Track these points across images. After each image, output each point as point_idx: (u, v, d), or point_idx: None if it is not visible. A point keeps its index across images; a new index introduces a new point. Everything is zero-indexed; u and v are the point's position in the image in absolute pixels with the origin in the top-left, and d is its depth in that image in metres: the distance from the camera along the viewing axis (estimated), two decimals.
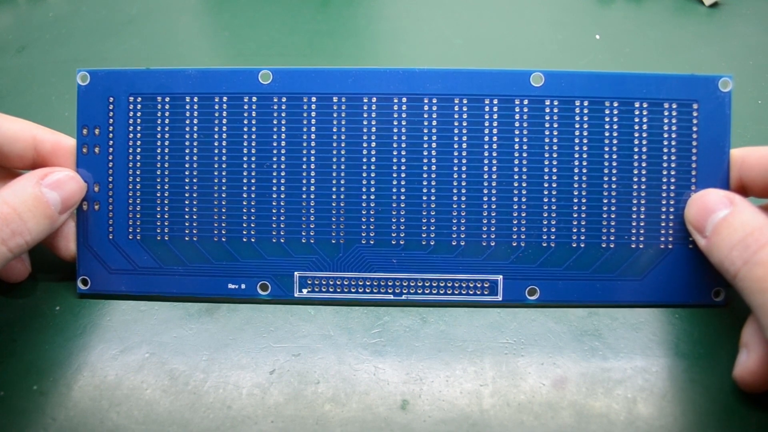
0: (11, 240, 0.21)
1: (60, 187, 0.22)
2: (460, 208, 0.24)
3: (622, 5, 0.42)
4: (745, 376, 0.20)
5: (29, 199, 0.21)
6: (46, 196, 0.22)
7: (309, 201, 0.24)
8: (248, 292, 0.24)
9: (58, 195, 0.22)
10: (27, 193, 0.22)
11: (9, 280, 0.24)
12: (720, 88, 0.23)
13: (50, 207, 0.22)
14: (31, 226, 0.21)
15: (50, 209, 0.22)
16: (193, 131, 0.24)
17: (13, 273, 0.24)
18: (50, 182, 0.22)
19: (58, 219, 0.22)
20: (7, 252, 0.21)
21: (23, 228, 0.21)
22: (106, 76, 0.24)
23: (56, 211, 0.22)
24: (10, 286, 0.24)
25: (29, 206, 0.21)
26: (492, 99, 0.24)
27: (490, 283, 0.24)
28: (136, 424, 0.20)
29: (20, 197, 0.21)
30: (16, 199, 0.21)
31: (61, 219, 0.23)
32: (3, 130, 0.23)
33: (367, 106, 0.24)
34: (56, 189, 0.22)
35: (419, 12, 0.42)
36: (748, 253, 0.19)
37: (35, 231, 0.21)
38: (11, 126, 0.23)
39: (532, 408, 0.21)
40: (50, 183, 0.22)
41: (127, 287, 0.24)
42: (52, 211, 0.22)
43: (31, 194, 0.22)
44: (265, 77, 0.24)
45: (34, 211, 0.21)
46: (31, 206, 0.21)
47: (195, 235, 0.24)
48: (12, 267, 0.24)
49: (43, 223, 0.22)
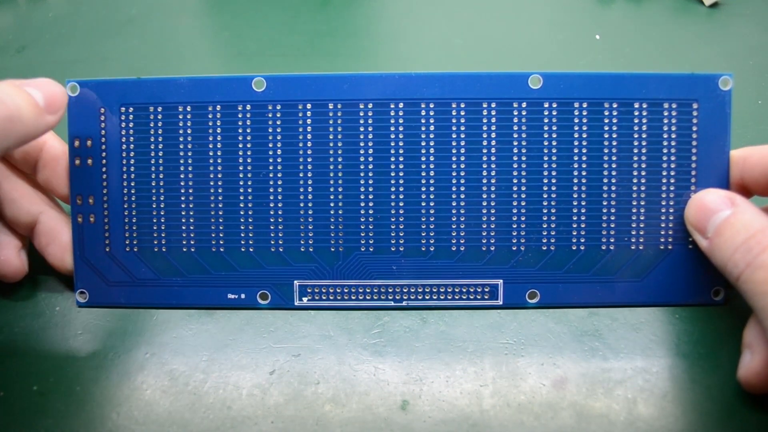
0: None
1: (39, 87, 0.21)
2: (459, 213, 0.24)
3: (622, 5, 0.42)
4: (749, 378, 0.20)
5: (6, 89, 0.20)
6: (26, 90, 0.21)
7: (307, 209, 0.24)
8: (248, 302, 0.24)
9: (39, 92, 0.21)
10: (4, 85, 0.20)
11: (5, 278, 0.24)
12: (720, 87, 0.23)
13: (31, 96, 0.21)
14: (14, 111, 0.20)
15: (32, 99, 0.21)
16: (187, 141, 0.24)
17: (9, 270, 0.24)
18: (28, 84, 0.21)
19: (44, 115, 0.21)
20: None
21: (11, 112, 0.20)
22: (96, 86, 0.24)
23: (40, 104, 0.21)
24: (10, 286, 0.24)
25: (8, 92, 0.20)
26: (490, 102, 0.23)
27: (490, 287, 0.24)
28: (136, 425, 0.20)
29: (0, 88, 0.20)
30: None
31: (49, 119, 0.21)
32: None
33: (363, 112, 0.24)
34: (36, 87, 0.21)
35: (419, 12, 0.42)
36: (751, 255, 0.19)
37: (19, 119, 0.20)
38: None
39: (532, 408, 0.21)
40: (28, 83, 0.21)
41: (125, 299, 0.24)
42: (35, 102, 0.21)
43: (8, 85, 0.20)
44: (258, 84, 0.24)
45: (14, 97, 0.20)
46: (9, 92, 0.20)
47: (192, 246, 0.24)
48: (8, 263, 0.24)
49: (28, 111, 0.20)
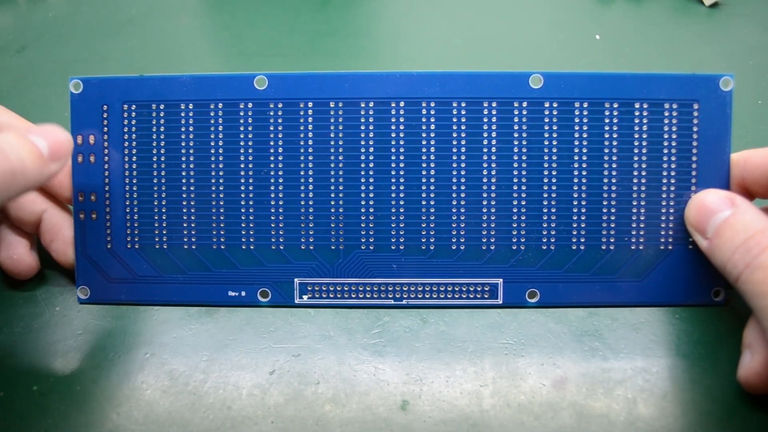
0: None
1: (45, 135, 0.21)
2: (459, 212, 0.24)
3: (622, 5, 0.42)
4: (749, 378, 0.20)
5: (11, 139, 0.20)
6: (31, 138, 0.20)
7: (308, 207, 0.24)
8: (248, 300, 0.24)
9: (44, 141, 0.21)
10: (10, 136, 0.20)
11: (18, 275, 0.24)
12: (721, 87, 0.23)
13: (36, 146, 0.20)
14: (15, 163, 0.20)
15: (37, 149, 0.20)
16: (189, 138, 0.24)
17: (22, 267, 0.24)
18: (34, 131, 0.21)
19: (48, 164, 0.21)
20: None
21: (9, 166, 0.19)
22: (99, 83, 0.24)
23: (44, 154, 0.21)
24: (10, 286, 0.24)
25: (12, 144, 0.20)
26: (491, 102, 0.23)
27: (490, 286, 0.24)
28: (136, 425, 0.20)
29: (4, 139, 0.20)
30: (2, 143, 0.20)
31: (52, 167, 0.21)
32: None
33: (364, 111, 0.24)
34: (41, 136, 0.21)
35: (419, 12, 0.42)
36: (750, 256, 0.19)
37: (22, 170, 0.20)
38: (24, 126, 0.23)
39: (532, 408, 0.21)
40: (34, 131, 0.21)
41: (126, 296, 0.24)
42: (40, 152, 0.20)
43: (13, 135, 0.20)
44: (260, 83, 0.24)
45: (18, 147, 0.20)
46: (14, 142, 0.20)
47: (194, 243, 0.24)
48: (21, 261, 0.24)
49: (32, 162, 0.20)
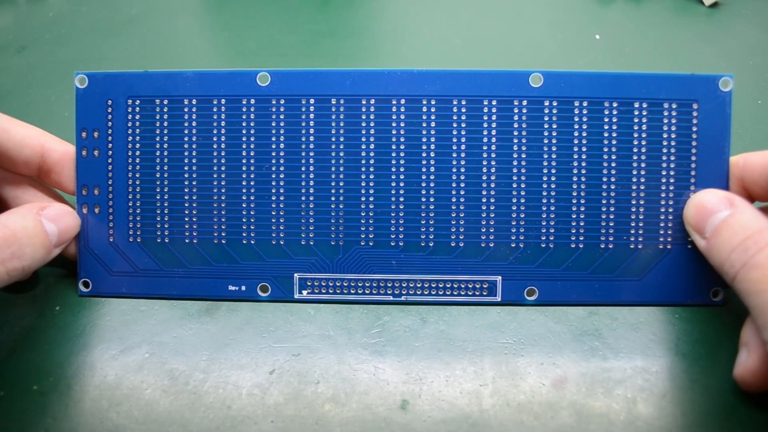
0: (9, 262, 0.21)
1: (57, 220, 0.23)
2: (459, 209, 0.24)
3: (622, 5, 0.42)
4: (745, 376, 0.20)
5: (29, 225, 0.22)
6: (44, 226, 0.22)
7: (308, 203, 0.24)
8: (248, 294, 0.24)
9: (55, 227, 0.23)
10: (27, 219, 0.22)
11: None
12: (720, 88, 0.23)
13: (48, 237, 0.22)
14: (29, 252, 0.21)
15: (47, 239, 0.22)
16: (192, 134, 0.24)
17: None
18: (49, 214, 0.23)
19: (52, 251, 0.23)
20: (5, 274, 0.21)
21: (21, 252, 0.21)
22: (104, 78, 0.24)
23: (52, 242, 0.22)
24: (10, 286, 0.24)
25: (28, 232, 0.22)
26: (491, 100, 0.24)
27: (489, 283, 0.24)
28: (136, 424, 0.20)
29: (20, 223, 0.22)
30: (16, 224, 0.21)
31: (55, 252, 0.23)
32: (12, 134, 0.24)
33: (365, 108, 0.24)
34: (54, 221, 0.23)
35: (419, 12, 0.42)
36: (747, 255, 0.19)
37: (31, 258, 0.22)
38: (21, 131, 0.24)
39: (532, 408, 0.21)
40: (49, 215, 0.23)
41: (128, 289, 0.24)
42: (49, 242, 0.22)
43: (31, 221, 0.22)
44: (263, 79, 0.24)
45: (33, 238, 0.22)
46: (30, 233, 0.22)
47: (195, 237, 0.24)
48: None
49: (40, 252, 0.22)
